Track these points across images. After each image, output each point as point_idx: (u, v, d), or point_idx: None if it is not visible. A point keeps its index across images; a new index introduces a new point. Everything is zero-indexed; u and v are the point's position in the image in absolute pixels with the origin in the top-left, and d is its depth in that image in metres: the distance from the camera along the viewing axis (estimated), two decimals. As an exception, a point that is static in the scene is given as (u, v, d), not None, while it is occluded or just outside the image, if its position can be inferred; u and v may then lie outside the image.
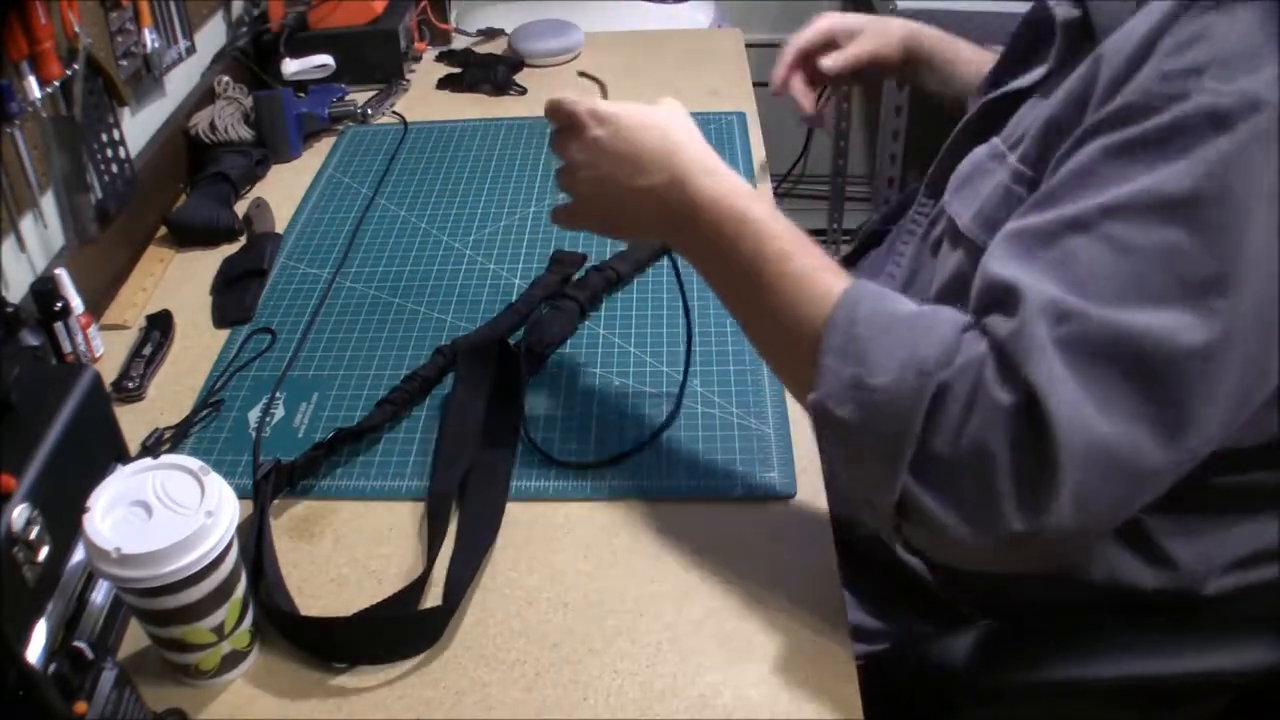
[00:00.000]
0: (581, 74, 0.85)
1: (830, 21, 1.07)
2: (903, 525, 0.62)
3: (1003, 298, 0.60)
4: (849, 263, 1.05)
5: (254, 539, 0.74)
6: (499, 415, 0.86)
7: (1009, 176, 0.72)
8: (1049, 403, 0.55)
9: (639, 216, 0.77)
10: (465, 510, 0.78)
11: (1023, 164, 0.71)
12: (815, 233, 2.45)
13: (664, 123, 0.76)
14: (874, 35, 1.06)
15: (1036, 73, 0.77)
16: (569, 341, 0.95)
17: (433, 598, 0.72)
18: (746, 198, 0.72)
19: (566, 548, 0.76)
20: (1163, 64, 0.59)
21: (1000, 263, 0.62)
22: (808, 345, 0.65)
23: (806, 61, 1.08)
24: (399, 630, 0.70)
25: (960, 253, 0.75)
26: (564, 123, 0.78)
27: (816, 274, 0.68)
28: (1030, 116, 0.73)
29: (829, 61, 1.03)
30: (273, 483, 0.79)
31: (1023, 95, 0.78)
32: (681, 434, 0.85)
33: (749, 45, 1.52)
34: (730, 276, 0.73)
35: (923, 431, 0.59)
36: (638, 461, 0.82)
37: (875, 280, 0.91)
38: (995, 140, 0.76)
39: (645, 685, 0.67)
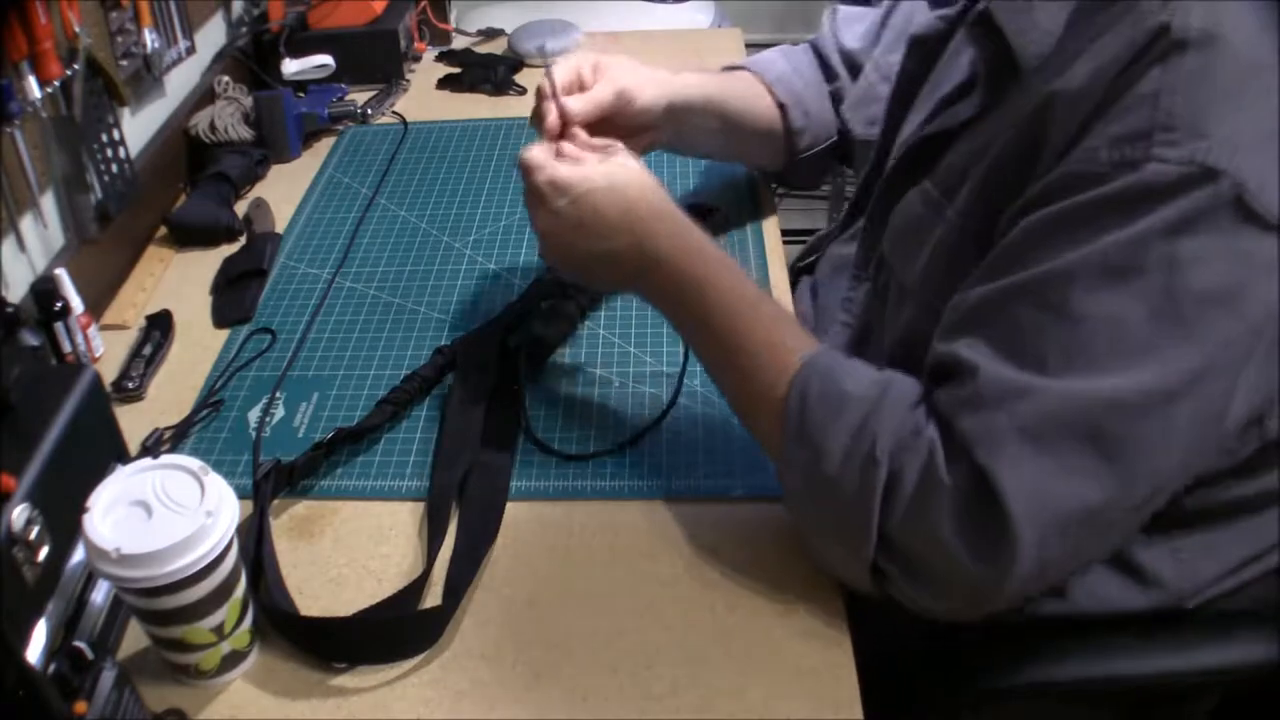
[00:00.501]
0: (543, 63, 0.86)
1: (573, 62, 0.94)
2: (881, 587, 0.65)
3: (953, 373, 0.61)
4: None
5: (254, 539, 0.74)
6: (499, 415, 0.86)
7: (952, 233, 0.70)
8: (1000, 482, 0.57)
9: (606, 275, 0.80)
10: (465, 510, 0.78)
11: (965, 219, 0.69)
12: (815, 232, 2.45)
13: (621, 183, 0.76)
14: (624, 71, 0.94)
15: (962, 112, 0.72)
16: (569, 341, 0.95)
17: (433, 598, 0.72)
18: (705, 261, 0.73)
19: (567, 548, 0.76)
20: (1109, 128, 0.58)
21: (949, 336, 0.63)
22: (768, 420, 0.68)
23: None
24: (399, 630, 0.70)
25: (911, 309, 0.75)
26: (530, 186, 0.79)
27: (774, 346, 0.69)
28: (963, 160, 0.71)
29: (575, 105, 0.89)
30: (273, 483, 0.79)
31: (948, 133, 0.74)
32: (682, 434, 0.85)
33: (749, 45, 1.52)
34: (693, 337, 0.75)
35: (880, 517, 0.61)
36: (638, 461, 0.82)
37: (829, 328, 0.90)
38: (927, 185, 0.74)
39: (645, 685, 0.67)
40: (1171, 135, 0.56)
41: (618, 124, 0.95)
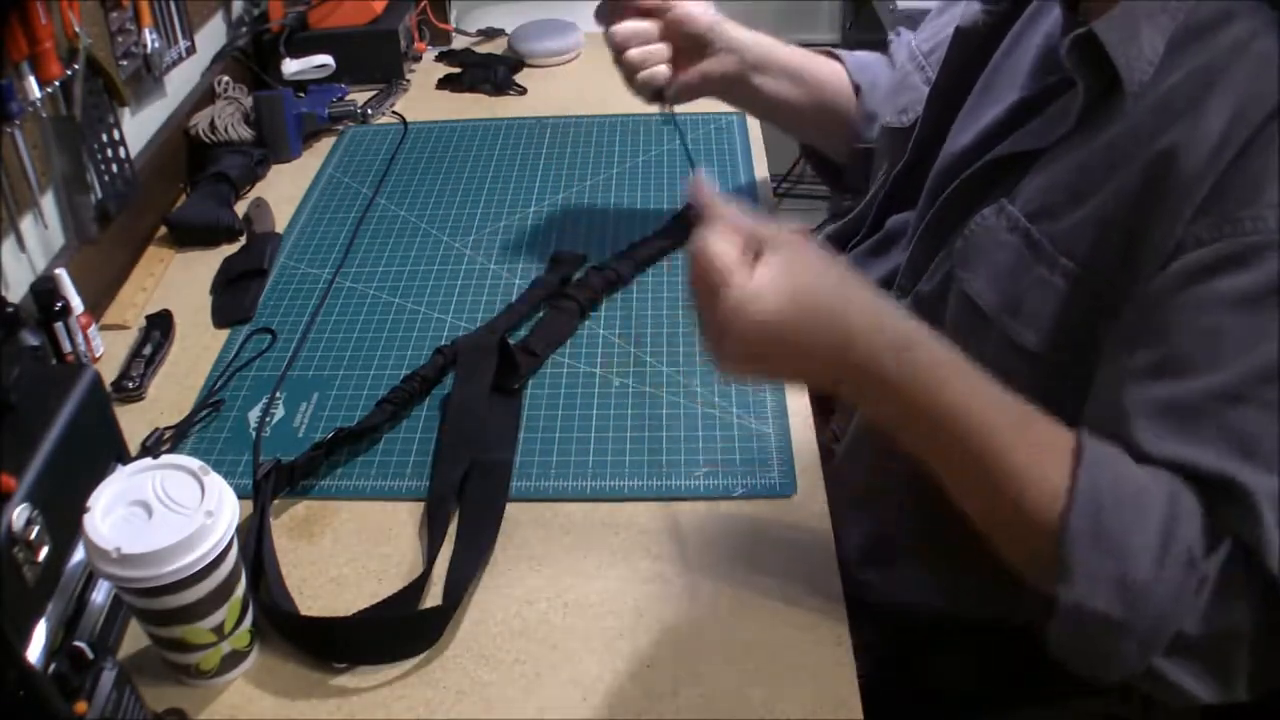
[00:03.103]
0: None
1: None
2: (1138, 685, 0.60)
3: (1221, 490, 0.58)
4: None
5: (254, 539, 0.74)
6: (499, 415, 0.86)
7: (1048, 266, 0.66)
8: None
9: (802, 376, 0.68)
10: (465, 510, 0.78)
11: (1064, 255, 0.66)
12: (814, 232, 2.45)
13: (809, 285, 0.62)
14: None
15: (1050, 131, 0.69)
16: (569, 341, 0.95)
17: (433, 598, 0.72)
18: (941, 368, 0.61)
19: (567, 548, 0.76)
20: (1273, 192, 0.55)
21: (1174, 440, 0.59)
22: (1040, 532, 0.60)
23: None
24: (399, 630, 0.70)
25: (993, 344, 0.70)
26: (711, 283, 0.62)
27: (1041, 454, 0.60)
28: (1051, 188, 0.68)
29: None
30: (273, 483, 0.79)
31: (1030, 151, 0.71)
32: (681, 434, 0.85)
33: (749, 45, 1.52)
34: (924, 448, 0.64)
35: (1188, 618, 0.57)
36: (638, 461, 0.82)
37: None
38: (1009, 208, 0.70)
39: (645, 685, 0.67)
40: None
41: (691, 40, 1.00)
